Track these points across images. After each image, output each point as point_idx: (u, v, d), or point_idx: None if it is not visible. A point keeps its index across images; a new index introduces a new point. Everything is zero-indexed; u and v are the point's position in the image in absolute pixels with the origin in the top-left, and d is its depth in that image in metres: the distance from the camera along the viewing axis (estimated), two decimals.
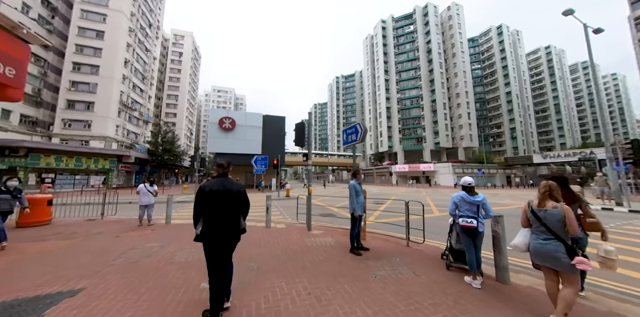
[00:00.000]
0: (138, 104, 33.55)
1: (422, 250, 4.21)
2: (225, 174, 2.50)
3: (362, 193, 4.09)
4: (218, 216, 2.22)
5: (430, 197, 16.95)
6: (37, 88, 24.70)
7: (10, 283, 2.83)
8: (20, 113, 23.20)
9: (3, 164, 17.54)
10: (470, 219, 2.79)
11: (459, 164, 40.47)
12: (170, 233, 5.46)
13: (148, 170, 31.82)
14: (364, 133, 4.78)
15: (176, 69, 54.16)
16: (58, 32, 27.44)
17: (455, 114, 48.40)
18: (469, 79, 49.01)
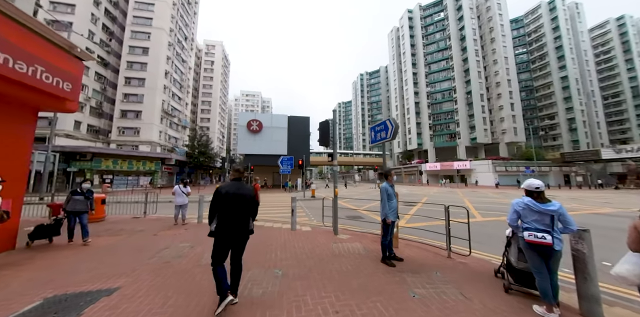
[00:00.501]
0: (177, 111, 36.99)
1: (467, 263, 3.60)
2: (240, 178, 2.72)
3: (394, 197, 3.65)
4: (230, 216, 2.46)
5: (468, 198, 15.28)
6: (99, 101, 28.79)
7: (65, 277, 3.09)
8: (87, 123, 27.30)
9: (75, 167, 20.77)
10: (542, 234, 2.18)
11: (500, 162, 36.17)
12: (201, 233, 5.66)
13: (186, 171, 34.83)
14: (395, 130, 4.30)
15: (209, 77, 58.52)
16: (114, 52, 31.61)
17: (495, 105, 43.37)
18: (511, 65, 43.45)
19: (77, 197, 4.70)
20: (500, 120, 42.26)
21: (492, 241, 5.16)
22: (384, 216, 3.55)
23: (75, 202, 4.68)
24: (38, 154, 11.13)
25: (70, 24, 25.89)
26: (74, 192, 4.77)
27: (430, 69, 49.82)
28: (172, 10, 35.44)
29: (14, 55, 3.77)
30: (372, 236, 5.27)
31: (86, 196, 4.84)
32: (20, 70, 3.86)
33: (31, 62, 4.01)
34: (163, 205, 9.48)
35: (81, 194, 4.78)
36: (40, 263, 3.61)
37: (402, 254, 3.93)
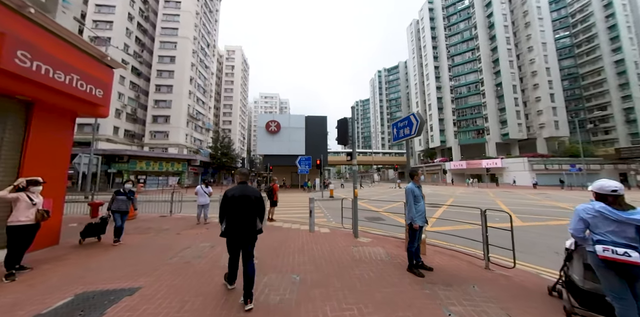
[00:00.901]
0: (201, 115, 39.10)
1: (511, 277, 3.11)
2: (245, 182, 2.92)
3: (422, 199, 3.29)
4: (237, 217, 2.64)
5: (502, 200, 13.90)
6: (134, 108, 31.44)
7: (95, 274, 3.25)
8: (124, 129, 29.97)
9: (114, 168, 22.90)
10: (624, 250, 1.72)
11: (538, 159, 32.69)
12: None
13: (210, 171, 36.66)
14: (420, 125, 3.91)
15: (229, 81, 61.10)
16: (146, 62, 34.31)
17: (531, 97, 39.31)
18: (550, 52, 39.00)
19: (120, 197, 4.87)
20: (537, 113, 38.21)
21: (538, 250, 4.52)
22: (409, 220, 3.21)
23: (118, 202, 4.86)
24: (84, 157, 12.38)
25: (109, 39, 28.58)
26: (118, 193, 4.93)
27: (454, 62, 46.70)
28: (196, 19, 37.50)
29: (54, 65, 4.08)
30: (394, 240, 4.90)
31: (128, 196, 4.99)
32: (59, 79, 4.18)
33: (68, 72, 4.32)
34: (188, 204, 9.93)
35: (124, 194, 4.95)
36: (76, 259, 3.86)
37: (431, 263, 3.55)
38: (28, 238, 3.38)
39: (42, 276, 3.27)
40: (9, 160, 4.10)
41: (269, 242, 4.74)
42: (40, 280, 3.14)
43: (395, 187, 29.81)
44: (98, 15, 29.97)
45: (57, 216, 4.59)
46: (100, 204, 7.76)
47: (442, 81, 47.82)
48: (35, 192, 3.50)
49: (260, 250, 4.23)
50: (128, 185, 5.12)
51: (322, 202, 13.42)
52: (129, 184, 5.16)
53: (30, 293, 2.75)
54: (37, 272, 3.39)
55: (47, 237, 4.39)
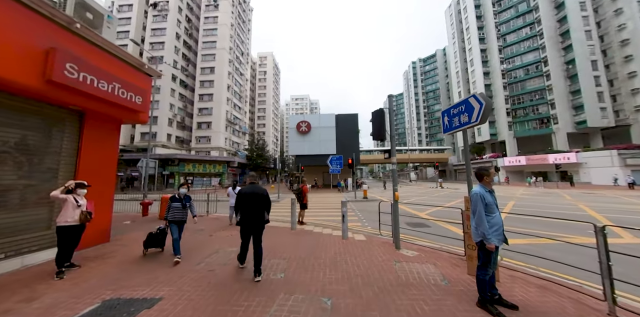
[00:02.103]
0: (238, 119, 41.89)
1: None
2: (254, 182, 3.64)
3: (497, 208, 2.39)
4: (249, 210, 3.32)
5: (588, 204, 10.94)
6: (182, 117, 35.34)
7: (127, 278, 3.24)
8: (175, 135, 33.91)
9: (167, 171, 25.97)
10: None
11: (635, 151, 25.66)
12: None
13: (247, 172, 38.95)
14: (485, 110, 2.95)
15: (262, 86, 64.37)
16: (191, 74, 38.28)
17: (620, 73, 31.15)
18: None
19: (175, 204, 3.99)
20: (631, 92, 30.05)
21: None
22: (480, 238, 2.33)
23: (174, 211, 3.97)
24: (145, 161, 14.08)
25: (162, 57, 32.66)
26: (173, 199, 4.08)
27: (506, 42, 40.14)
28: (231, 30, 40.31)
29: (98, 75, 4.35)
30: (449, 257, 3.93)
31: (184, 203, 4.05)
32: (103, 88, 4.45)
33: (110, 81, 4.60)
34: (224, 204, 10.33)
35: (179, 200, 4.04)
36: (119, 259, 4.01)
37: (511, 296, 2.58)
38: (75, 238, 3.58)
39: (87, 273, 3.42)
40: (68, 165, 4.52)
41: (297, 251, 4.30)
42: (85, 278, 3.25)
43: (437, 187, 26.92)
44: (153, 37, 34.54)
45: (106, 216, 4.96)
46: (149, 203, 8.53)
47: (491, 65, 41.66)
48: (81, 194, 3.71)
49: (289, 260, 3.81)
50: (183, 190, 4.17)
51: (355, 204, 12.63)
52: (184, 188, 4.21)
53: (72, 293, 2.81)
54: (84, 270, 3.57)
55: (98, 235, 4.76)
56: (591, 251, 2.46)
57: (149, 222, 7.35)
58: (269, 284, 2.97)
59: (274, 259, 3.86)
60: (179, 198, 4.09)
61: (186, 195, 4.19)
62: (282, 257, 3.94)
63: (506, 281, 2.94)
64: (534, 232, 5.55)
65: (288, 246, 4.62)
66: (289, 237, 5.38)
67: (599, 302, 2.42)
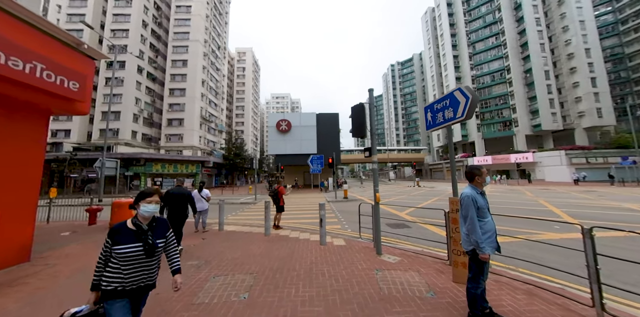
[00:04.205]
0: (214, 117, 39.55)
1: None
2: (181, 185, 4.84)
3: (489, 212, 2.13)
4: (174, 206, 4.39)
5: (548, 200, 11.90)
6: (150, 112, 32.34)
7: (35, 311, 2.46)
8: (142, 132, 30.89)
9: (131, 171, 23.46)
10: None
11: (578, 152, 29.08)
12: (218, 245, 4.90)
13: (223, 173, 36.95)
14: (471, 104, 2.73)
15: (241, 83, 61.75)
16: (160, 67, 35.21)
17: (567, 82, 35.17)
18: (590, 30, 34.56)
19: (126, 250, 1.50)
20: (575, 100, 34.10)
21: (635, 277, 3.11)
22: (472, 246, 2.05)
23: (125, 265, 1.51)
24: (106, 161, 12.33)
25: (125, 46, 29.50)
26: (118, 233, 1.57)
27: (475, 49, 43.22)
28: (206, 22, 37.86)
29: (7, 51, 3.41)
30: (432, 261, 3.72)
31: (152, 242, 1.56)
32: (15, 67, 3.50)
33: (28, 59, 3.65)
34: None
35: (139, 235, 1.56)
36: (30, 288, 3.14)
37: (499, 305, 2.37)
38: None
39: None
40: None
41: (268, 262, 3.78)
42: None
43: (414, 186, 27.96)
44: (115, 24, 31.08)
45: (24, 229, 3.96)
46: (97, 209, 7.32)
47: (462, 71, 44.53)
48: None
49: (257, 275, 3.28)
50: (147, 208, 1.61)
51: (336, 204, 12.35)
52: (149, 204, 1.62)
53: None
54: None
55: (11, 254, 3.77)
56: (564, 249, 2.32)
57: (95, 232, 6.26)
58: (227, 309, 2.43)
59: (238, 274, 3.30)
60: (138, 230, 1.58)
61: (159, 220, 1.71)
62: (249, 272, 3.40)
63: (493, 288, 2.75)
64: (506, 230, 5.67)
65: (258, 257, 4.08)
66: (261, 244, 4.83)
67: (586, 308, 2.30)
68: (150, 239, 1.54)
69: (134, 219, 1.59)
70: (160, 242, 1.60)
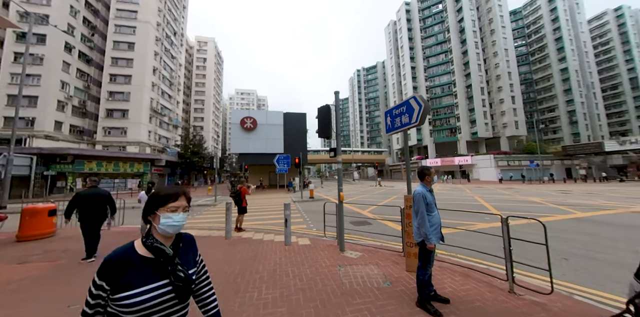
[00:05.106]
0: (167, 110, 35.33)
1: (547, 306, 2.40)
2: (96, 186, 4.41)
3: (436, 207, 2.43)
4: (89, 210, 4.06)
5: (481, 196, 14.16)
6: (82, 100, 27.07)
7: None
8: (70, 124, 25.62)
9: (53, 170, 19.25)
10: None
11: (502, 156, 35.31)
12: None
13: (179, 172, 33.36)
14: (424, 111, 3.08)
15: (201, 75, 56.63)
16: (97, 48, 29.80)
17: (495, 99, 42.39)
18: (511, 58, 42.41)
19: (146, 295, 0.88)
20: (501, 114, 41.33)
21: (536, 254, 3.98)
22: (421, 237, 2.32)
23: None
24: (15, 157, 9.73)
25: (47, 16, 24.07)
26: None
27: (429, 63, 48.61)
28: (159, 2, 33.60)
29: None
30: (390, 254, 4.05)
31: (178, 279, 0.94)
32: None
33: None
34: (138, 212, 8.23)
35: (169, 274, 0.94)
36: None
37: (442, 288, 2.73)
38: None
39: None
40: None
41: (229, 266, 3.58)
42: None
43: (376, 185, 29.90)
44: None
45: None
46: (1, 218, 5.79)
47: (419, 81, 49.52)
48: None
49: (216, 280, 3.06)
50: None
51: (302, 204, 12.37)
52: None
53: None
54: None
55: None
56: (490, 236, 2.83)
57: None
58: None
59: None
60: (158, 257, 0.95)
61: (185, 238, 1.10)
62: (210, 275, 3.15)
63: (437, 273, 3.14)
64: (449, 222, 6.54)
65: (218, 261, 3.82)
66: (222, 248, 4.53)
67: (503, 282, 2.82)
68: (182, 271, 0.94)
69: (149, 239, 0.96)
70: (192, 272, 1.02)
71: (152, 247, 0.93)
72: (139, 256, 0.91)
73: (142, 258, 0.91)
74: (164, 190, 1.00)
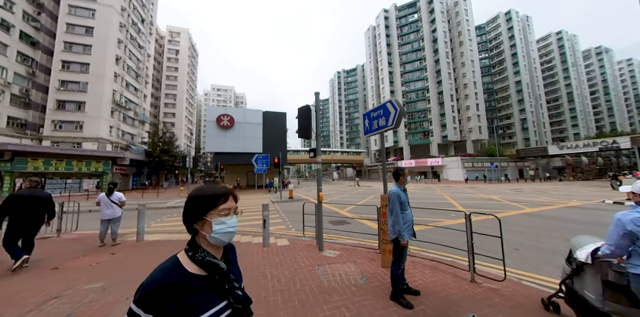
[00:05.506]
0: (133, 104, 32.28)
1: (501, 291, 2.71)
2: (36, 186, 3.89)
3: (409, 206, 2.60)
4: (25, 214, 3.57)
5: (449, 195, 15.33)
6: (24, 88, 23.49)
7: None
8: (8, 115, 22.05)
9: None
10: None
11: (468, 158, 38.64)
12: (134, 260, 4.05)
13: (146, 172, 30.71)
14: (399, 115, 3.26)
15: (173, 68, 52.74)
16: (46, 29, 26.12)
17: (463, 105, 46.24)
18: (477, 68, 46.63)
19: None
20: (467, 119, 45.18)
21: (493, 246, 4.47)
22: (396, 235, 2.46)
23: None
24: None
25: None
26: None
27: (405, 69, 51.24)
28: None
29: None
30: (367, 252, 4.21)
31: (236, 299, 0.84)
32: None
33: None
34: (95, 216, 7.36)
35: (227, 294, 0.84)
36: None
37: (413, 281, 2.92)
38: None
39: None
40: None
41: None
42: None
43: (355, 185, 30.66)
44: None
45: None
46: None
47: (395, 86, 51.91)
48: None
49: None
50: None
51: (281, 205, 12.21)
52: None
53: None
54: None
55: None
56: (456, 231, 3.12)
57: None
58: None
59: None
60: (212, 274, 0.81)
61: (230, 248, 0.97)
62: None
63: (409, 267, 3.35)
64: (421, 219, 6.99)
65: None
66: None
67: (464, 272, 3.11)
68: (239, 289, 0.82)
69: (198, 252, 0.78)
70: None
71: (204, 263, 0.76)
72: (189, 274, 0.74)
73: (193, 277, 0.74)
74: (209, 190, 0.83)
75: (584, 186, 21.63)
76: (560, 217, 7.42)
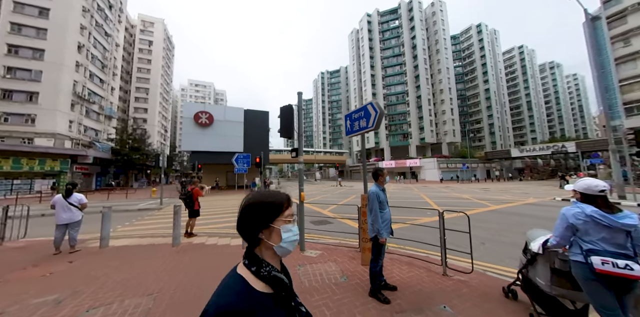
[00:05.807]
0: (98, 97, 29.43)
1: (468, 282, 2.92)
2: None
3: (387, 205, 2.69)
4: None
5: (426, 194, 16.18)
6: None
7: None
8: None
9: None
10: (624, 262, 1.48)
11: (443, 159, 41.09)
12: (98, 266, 3.69)
13: (112, 171, 28.18)
14: (379, 117, 3.36)
15: (145, 59, 49.01)
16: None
17: (439, 109, 49.08)
18: (451, 75, 49.81)
19: None
20: (443, 123, 48.06)
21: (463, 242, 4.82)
22: (374, 233, 2.54)
23: None
24: None
25: None
26: None
27: (387, 72, 53.07)
28: None
29: None
30: (347, 251, 4.28)
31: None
32: None
33: None
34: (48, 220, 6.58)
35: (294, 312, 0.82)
36: None
37: (390, 277, 3.03)
38: None
39: None
40: None
41: (176, 277, 3.22)
42: None
43: (337, 185, 31.02)
44: None
45: None
46: None
47: (377, 89, 53.51)
48: None
49: (157, 296, 2.71)
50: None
51: None
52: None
53: None
54: None
55: None
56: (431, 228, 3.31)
57: None
58: None
59: (130, 299, 2.62)
60: (279, 291, 0.75)
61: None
62: (147, 293, 2.77)
63: (387, 264, 3.47)
64: (399, 218, 7.28)
65: (162, 273, 3.39)
66: (168, 258, 4.03)
67: (438, 267, 3.30)
68: (302, 305, 0.76)
69: (263, 266, 0.70)
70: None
71: (270, 278, 0.68)
72: (260, 295, 0.65)
73: (264, 297, 0.65)
74: (271, 194, 0.76)
75: (539, 185, 24.17)
76: (520, 213, 8.21)
